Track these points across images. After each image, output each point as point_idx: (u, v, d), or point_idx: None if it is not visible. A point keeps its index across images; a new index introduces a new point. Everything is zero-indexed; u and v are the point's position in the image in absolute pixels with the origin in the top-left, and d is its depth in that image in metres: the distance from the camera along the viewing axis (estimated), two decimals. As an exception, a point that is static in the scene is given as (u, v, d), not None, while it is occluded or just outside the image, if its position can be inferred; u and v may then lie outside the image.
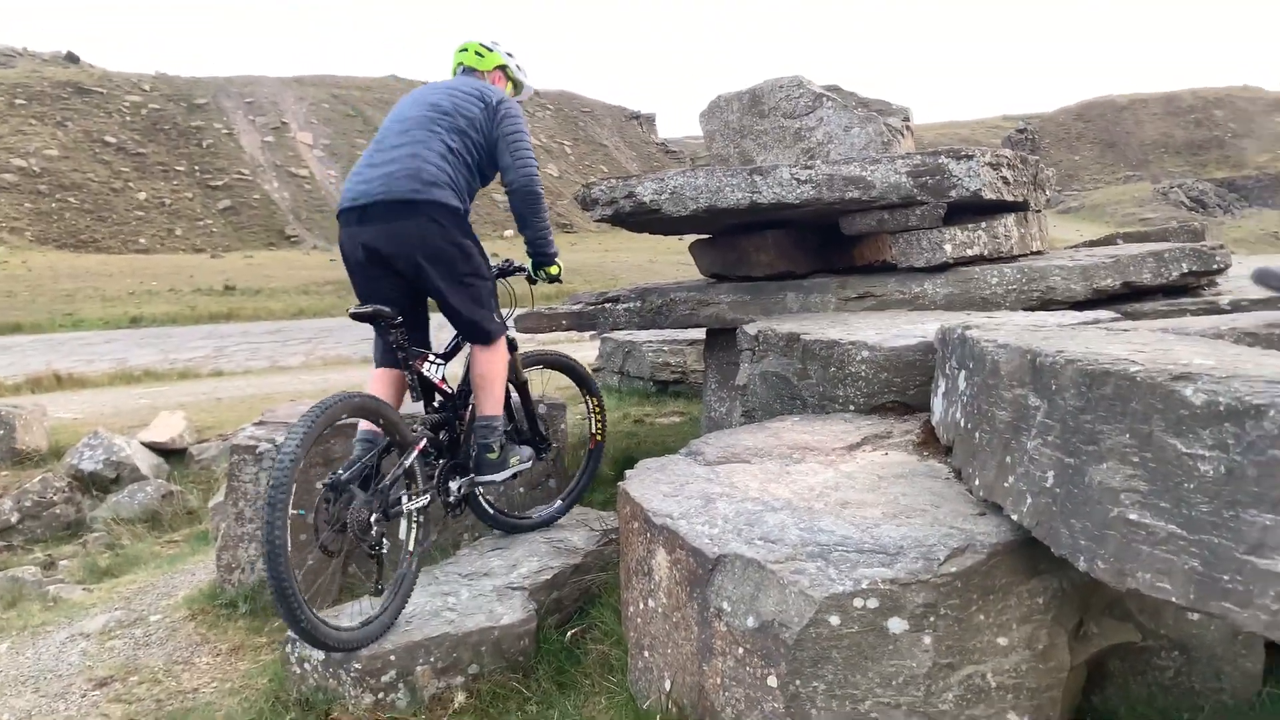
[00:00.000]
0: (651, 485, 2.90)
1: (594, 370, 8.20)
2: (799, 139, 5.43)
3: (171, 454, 7.15)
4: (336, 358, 15.46)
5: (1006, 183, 4.60)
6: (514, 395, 3.75)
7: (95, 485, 6.72)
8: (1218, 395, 1.66)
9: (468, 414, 3.47)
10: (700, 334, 6.72)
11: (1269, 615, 1.50)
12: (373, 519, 2.86)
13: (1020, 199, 4.80)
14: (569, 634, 3.18)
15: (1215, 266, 4.44)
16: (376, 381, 3.37)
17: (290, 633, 2.96)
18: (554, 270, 3.57)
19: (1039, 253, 5.14)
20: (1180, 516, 1.68)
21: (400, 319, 3.18)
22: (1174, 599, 1.67)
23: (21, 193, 38.72)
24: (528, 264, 3.63)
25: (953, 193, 4.41)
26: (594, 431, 4.15)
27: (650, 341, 7.84)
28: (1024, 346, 2.32)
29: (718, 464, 3.10)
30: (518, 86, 3.88)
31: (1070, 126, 67.55)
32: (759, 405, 4.07)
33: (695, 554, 2.39)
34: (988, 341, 2.56)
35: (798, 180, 4.47)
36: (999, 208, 4.77)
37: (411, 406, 3.48)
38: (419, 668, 2.82)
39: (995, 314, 4.08)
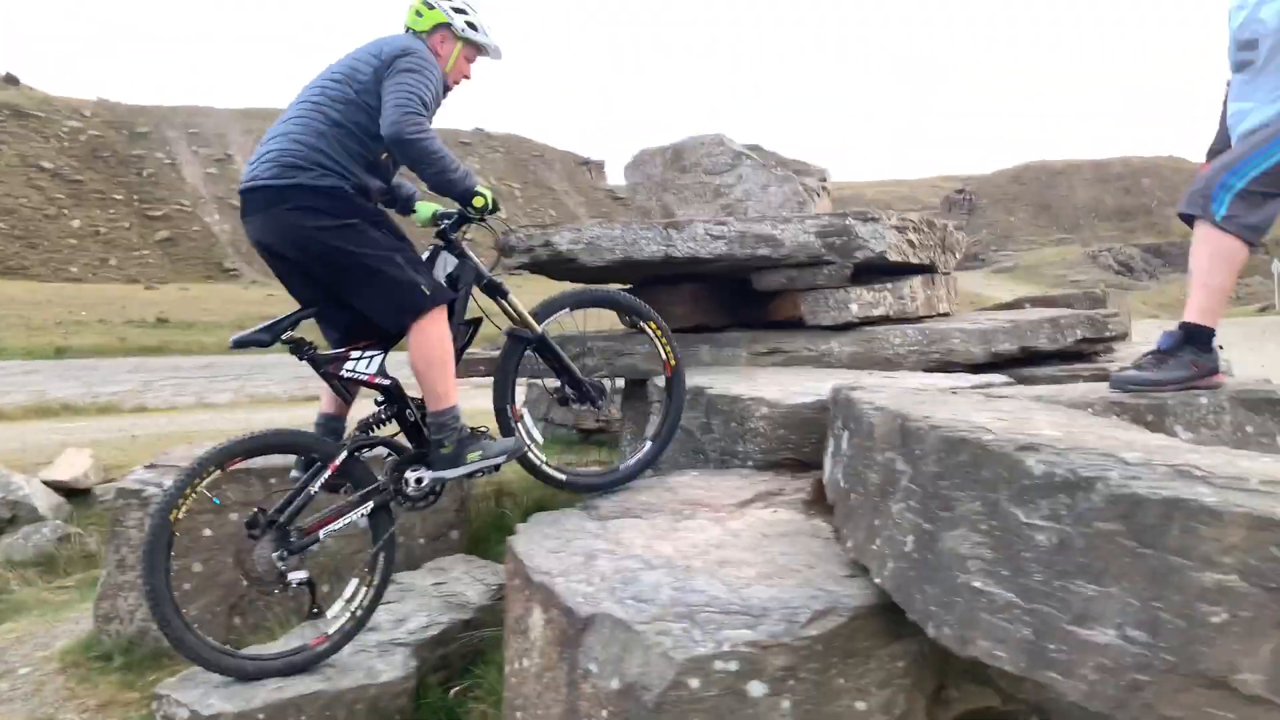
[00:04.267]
0: (538, 541, 2.88)
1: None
2: (718, 195, 5.52)
3: (75, 494, 6.91)
4: (266, 395, 15.16)
5: (912, 245, 4.71)
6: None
7: (-10, 525, 6.47)
8: (1055, 467, 1.70)
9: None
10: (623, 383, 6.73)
11: (1087, 685, 1.54)
12: (276, 561, 2.82)
13: (927, 261, 4.92)
14: (451, 693, 3.12)
15: (1108, 334, 4.60)
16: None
17: (159, 689, 2.87)
18: (480, 202, 3.12)
19: (945, 315, 5.26)
20: (1017, 585, 1.71)
21: (302, 349, 2.97)
22: (1008, 667, 1.70)
23: (-51, 216, 37.69)
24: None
25: (859, 254, 4.51)
26: (665, 358, 3.59)
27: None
28: (896, 410, 2.37)
29: (610, 519, 3.09)
30: (478, 48, 3.38)
31: (1007, 188, 69.65)
32: (665, 458, 4.07)
33: (567, 613, 2.37)
34: (866, 404, 2.60)
35: (711, 236, 4.54)
36: (906, 269, 4.88)
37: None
38: (289, 725, 2.74)
39: (895, 374, 4.15)
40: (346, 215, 2.94)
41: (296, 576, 2.85)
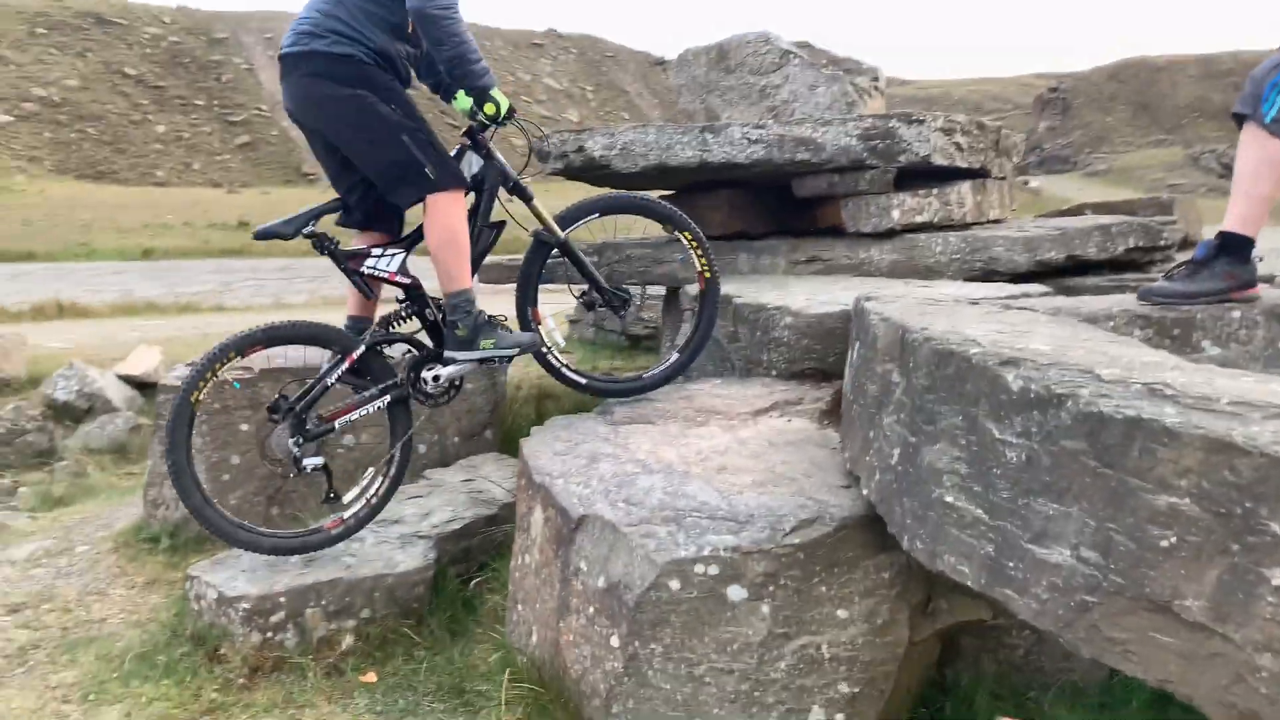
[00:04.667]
0: (548, 443, 2.93)
1: (570, 322, 8.17)
2: (764, 96, 5.36)
3: (145, 387, 7.23)
4: (339, 297, 15.49)
5: (960, 149, 4.53)
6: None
7: (68, 415, 6.82)
8: (1031, 383, 1.65)
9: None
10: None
11: (1038, 604, 1.52)
12: (292, 446, 2.94)
13: (977, 165, 4.73)
14: (472, 583, 3.23)
15: (1162, 242, 4.38)
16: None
17: (191, 570, 3.03)
18: (491, 109, 3.01)
19: (997, 221, 5.07)
20: (986, 502, 1.69)
21: (324, 243, 2.99)
22: (969, 583, 1.68)
23: (41, 122, 38.82)
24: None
25: (902, 157, 4.35)
26: (700, 269, 3.44)
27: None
28: (898, 322, 2.31)
29: (622, 424, 3.11)
30: None
31: (1104, 87, 65.99)
32: (694, 366, 4.07)
33: (562, 513, 2.42)
34: (874, 314, 2.54)
35: (748, 140, 4.42)
36: (954, 174, 4.70)
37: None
38: (309, 610, 2.87)
39: (931, 283, 4.05)
40: (355, 84, 2.90)
41: (311, 462, 2.96)
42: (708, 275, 3.47)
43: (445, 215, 2.98)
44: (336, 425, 3.03)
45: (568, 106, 53.85)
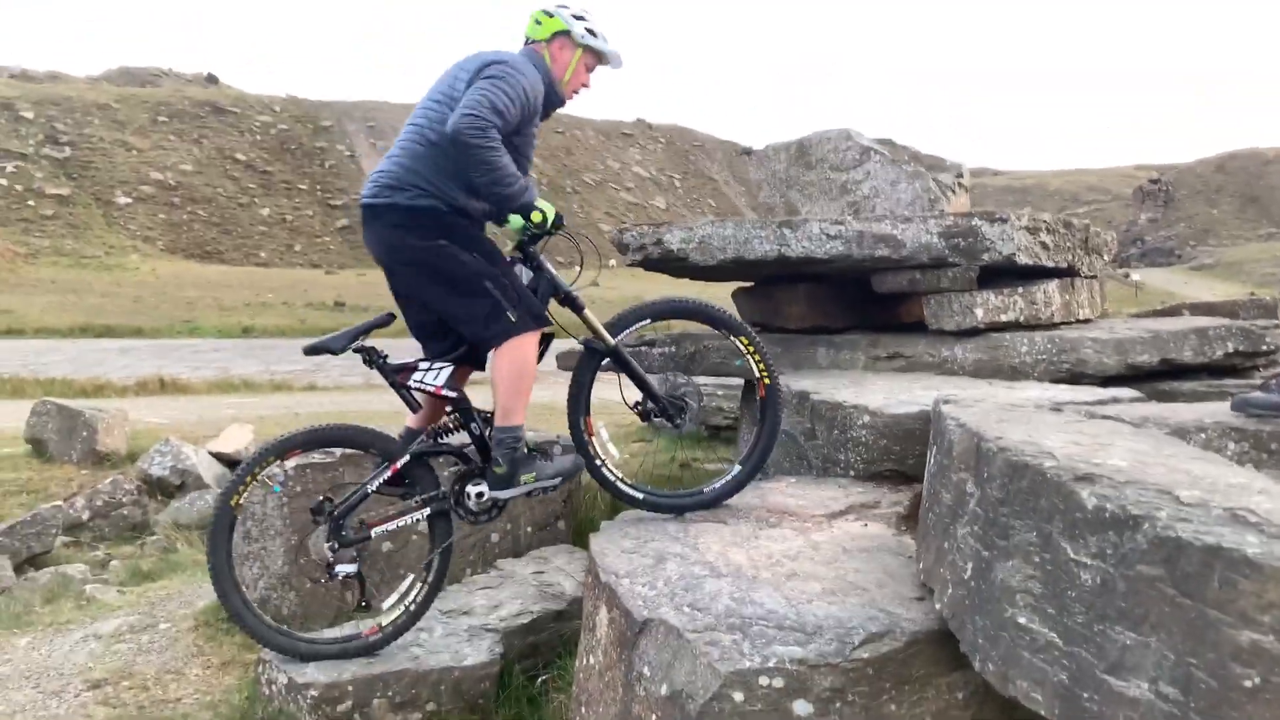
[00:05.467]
0: (616, 540, 2.92)
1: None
2: (845, 192, 5.40)
3: (235, 464, 7.48)
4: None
5: (1045, 247, 4.47)
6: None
7: (162, 490, 7.07)
8: (1107, 502, 1.60)
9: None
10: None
11: (1115, 741, 1.44)
12: (328, 551, 2.97)
13: (1064, 264, 4.66)
14: (539, 680, 3.20)
15: (1264, 348, 4.22)
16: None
17: (262, 654, 3.08)
18: (537, 217, 3.05)
19: (1086, 321, 4.96)
20: (1060, 626, 1.62)
21: (373, 356, 3.07)
22: (1042, 711, 1.61)
23: (157, 204, 41.21)
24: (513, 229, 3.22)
25: (985, 256, 4.31)
26: (760, 376, 3.35)
27: (705, 384, 7.81)
28: (974, 429, 2.26)
29: (692, 522, 3.09)
30: (597, 55, 3.32)
31: (1209, 179, 64.36)
32: (770, 461, 4.03)
33: (626, 615, 2.40)
34: (951, 419, 2.50)
35: (827, 235, 4.44)
36: (1039, 273, 4.63)
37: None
38: (376, 700, 2.88)
39: (1016, 385, 3.96)
40: (436, 235, 3.00)
41: (344, 570, 2.97)
42: (767, 382, 3.36)
43: (520, 352, 3.03)
44: (374, 534, 3.06)
45: (655, 194, 54.94)
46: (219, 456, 7.48)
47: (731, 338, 3.36)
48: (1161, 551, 1.43)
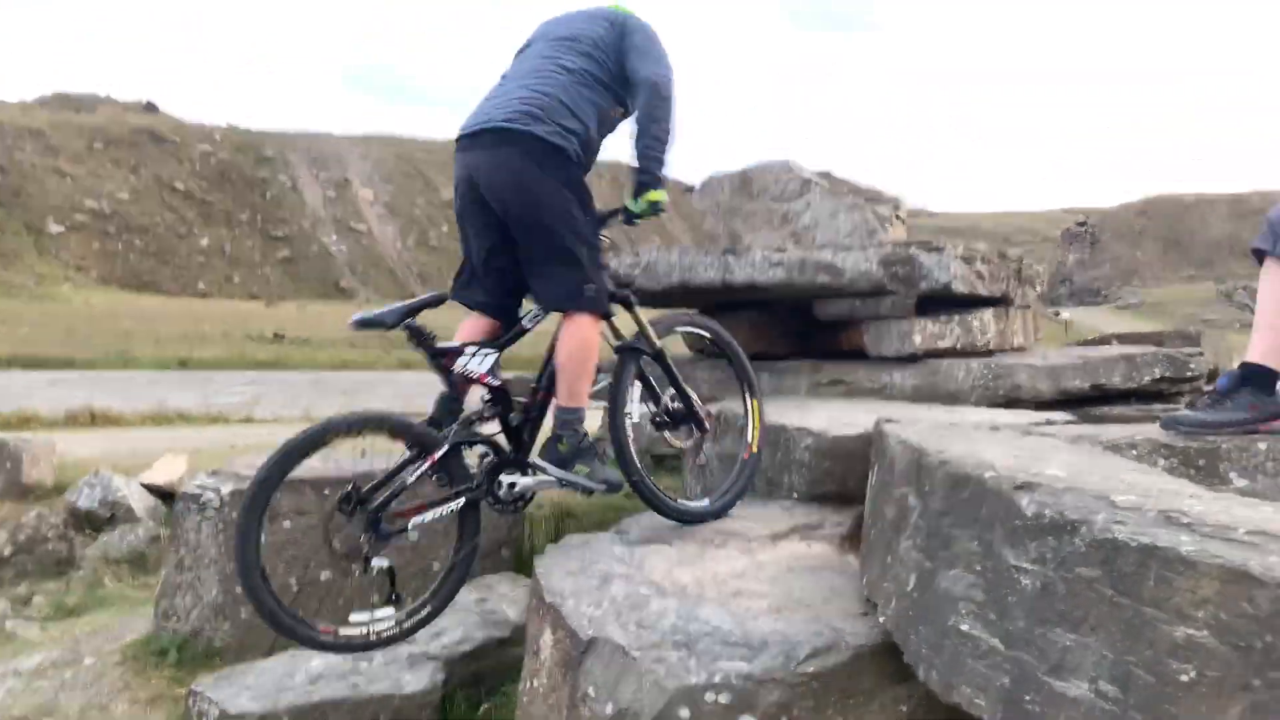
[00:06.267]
0: (561, 562, 2.89)
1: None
2: (786, 222, 5.47)
3: (169, 496, 7.25)
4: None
5: (981, 277, 4.58)
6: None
7: (90, 524, 6.82)
8: (1045, 508, 1.63)
9: (535, 399, 3.07)
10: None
11: (1057, 742, 1.45)
12: (362, 542, 2.69)
13: (999, 294, 4.77)
14: (481, 708, 3.15)
15: (1190, 374, 4.36)
16: (464, 330, 3.12)
17: (194, 686, 2.98)
18: (656, 196, 3.03)
19: (1020, 349, 5.08)
20: (1002, 631, 1.64)
21: (418, 325, 2.88)
22: (985, 716, 1.62)
23: (91, 233, 40.26)
24: (625, 198, 3.14)
25: (923, 284, 4.40)
26: (750, 440, 3.43)
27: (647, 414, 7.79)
28: (916, 445, 2.30)
29: (638, 544, 3.07)
30: None
31: (1133, 222, 66.59)
32: (715, 486, 4.04)
33: (571, 635, 2.37)
34: (892, 437, 2.53)
35: (770, 262, 4.50)
36: (975, 302, 4.74)
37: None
38: (312, 730, 2.81)
39: (956, 409, 4.03)
40: (563, 183, 2.92)
41: (379, 563, 2.74)
42: (755, 449, 3.42)
43: (586, 332, 2.96)
44: (410, 525, 2.82)
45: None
46: (151, 488, 7.25)
47: (745, 394, 3.45)
48: (1100, 553, 1.46)
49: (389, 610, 2.78)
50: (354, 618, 2.74)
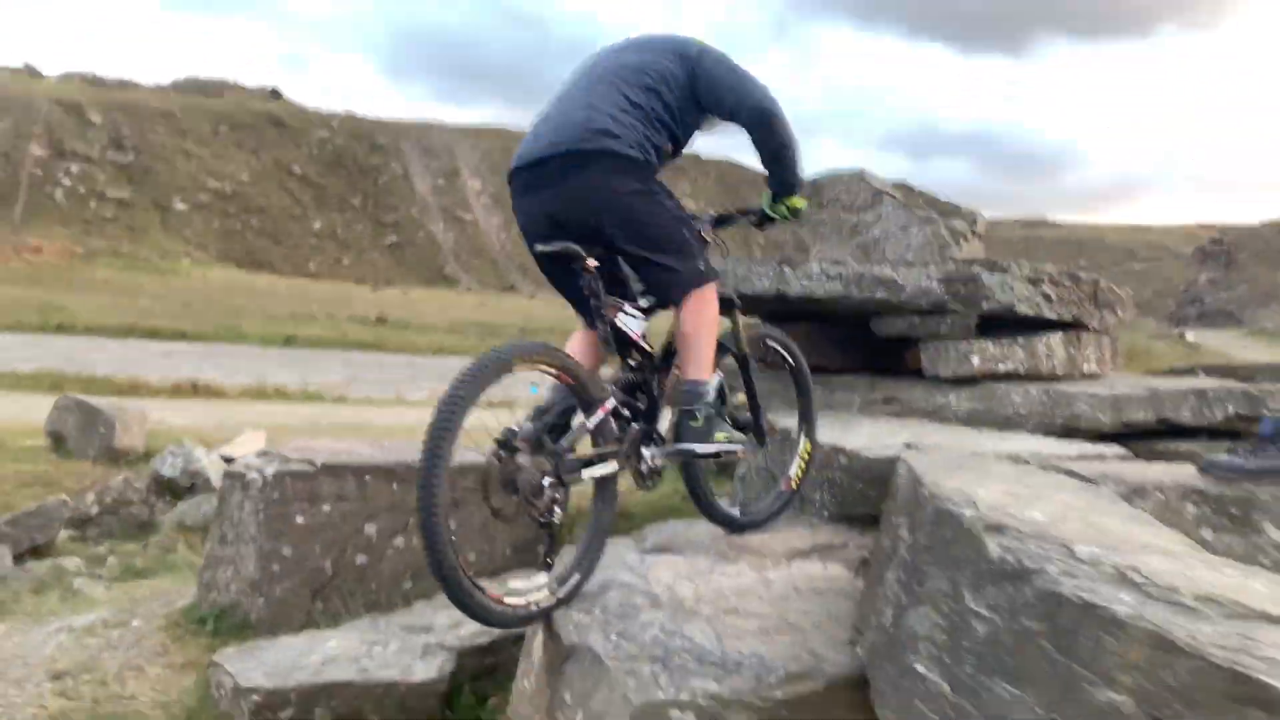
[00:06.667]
0: (569, 564, 2.90)
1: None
2: (855, 233, 5.37)
3: (244, 470, 7.56)
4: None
5: (1048, 299, 4.40)
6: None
7: (171, 491, 7.15)
8: (1009, 553, 1.57)
9: (668, 379, 2.99)
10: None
11: (983, 799, 1.39)
12: (545, 482, 2.44)
13: (1069, 317, 4.58)
14: (488, 701, 3.18)
15: (1264, 412, 4.10)
16: (575, 343, 3.03)
17: (214, 657, 3.10)
18: (798, 203, 3.10)
19: (1091, 376, 4.86)
20: (951, 675, 1.59)
21: (595, 262, 2.79)
22: (925, 764, 1.56)
23: (212, 212, 42.30)
24: (763, 201, 3.14)
25: (985, 304, 4.25)
26: (792, 475, 3.41)
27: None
28: (917, 475, 2.24)
29: (651, 552, 3.07)
30: None
31: (1274, 241, 62.96)
32: (750, 499, 4.00)
33: (556, 640, 2.39)
34: (902, 464, 2.47)
35: (826, 275, 4.41)
36: (1043, 324, 4.56)
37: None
38: (318, 710, 2.88)
39: (1008, 435, 3.89)
40: (650, 182, 2.88)
41: (559, 513, 2.49)
42: (795, 485, 3.42)
43: (709, 304, 2.95)
44: (584, 475, 2.59)
45: (702, 229, 55.26)
46: (229, 461, 7.56)
47: (802, 433, 3.46)
48: (1045, 605, 1.39)
49: (543, 579, 2.53)
50: (514, 584, 2.48)
